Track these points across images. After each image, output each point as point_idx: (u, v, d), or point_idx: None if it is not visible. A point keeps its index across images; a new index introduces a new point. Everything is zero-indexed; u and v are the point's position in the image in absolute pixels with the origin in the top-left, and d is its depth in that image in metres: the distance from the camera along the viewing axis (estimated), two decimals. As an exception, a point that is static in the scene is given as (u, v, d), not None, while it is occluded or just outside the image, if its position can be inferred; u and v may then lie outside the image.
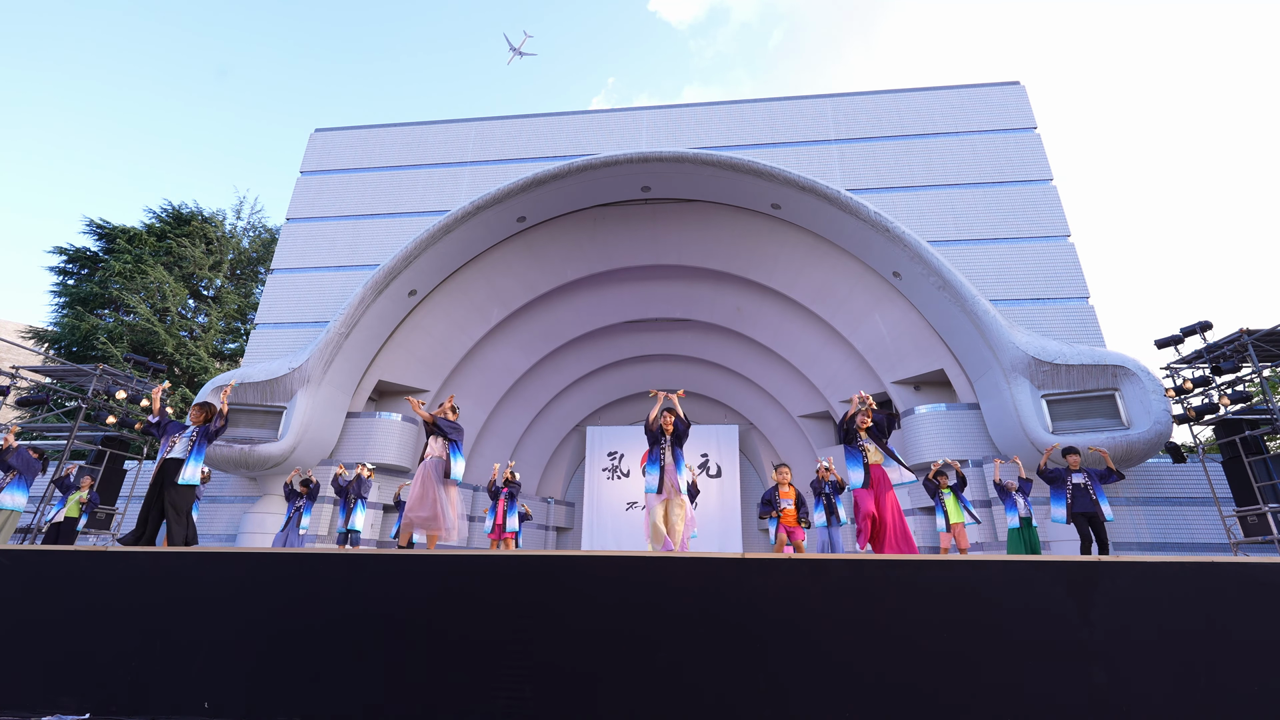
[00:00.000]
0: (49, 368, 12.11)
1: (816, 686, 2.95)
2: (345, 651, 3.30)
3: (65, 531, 9.38)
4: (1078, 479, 7.49)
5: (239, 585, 3.59)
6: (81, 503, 9.60)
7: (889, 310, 12.60)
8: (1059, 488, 7.62)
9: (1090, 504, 7.31)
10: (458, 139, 13.93)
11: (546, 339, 15.71)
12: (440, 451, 6.11)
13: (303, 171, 14.20)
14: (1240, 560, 3.04)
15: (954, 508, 8.66)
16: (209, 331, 21.56)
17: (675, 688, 3.02)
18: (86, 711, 3.29)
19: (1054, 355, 9.95)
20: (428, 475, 5.95)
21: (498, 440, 15.90)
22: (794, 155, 12.63)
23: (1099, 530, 7.28)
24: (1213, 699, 2.77)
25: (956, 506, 8.65)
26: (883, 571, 3.17)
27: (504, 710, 3.03)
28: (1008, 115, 12.80)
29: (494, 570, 3.43)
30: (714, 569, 3.24)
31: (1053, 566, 3.06)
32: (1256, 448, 9.66)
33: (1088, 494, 7.36)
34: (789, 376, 15.59)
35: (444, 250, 12.83)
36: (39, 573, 3.80)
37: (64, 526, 9.38)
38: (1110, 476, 7.51)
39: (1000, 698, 2.86)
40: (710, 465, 17.26)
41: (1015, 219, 11.77)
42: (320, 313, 12.45)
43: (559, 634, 3.20)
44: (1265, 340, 9.42)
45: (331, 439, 12.28)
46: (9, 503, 7.93)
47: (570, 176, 12.36)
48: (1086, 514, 7.31)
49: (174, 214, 22.88)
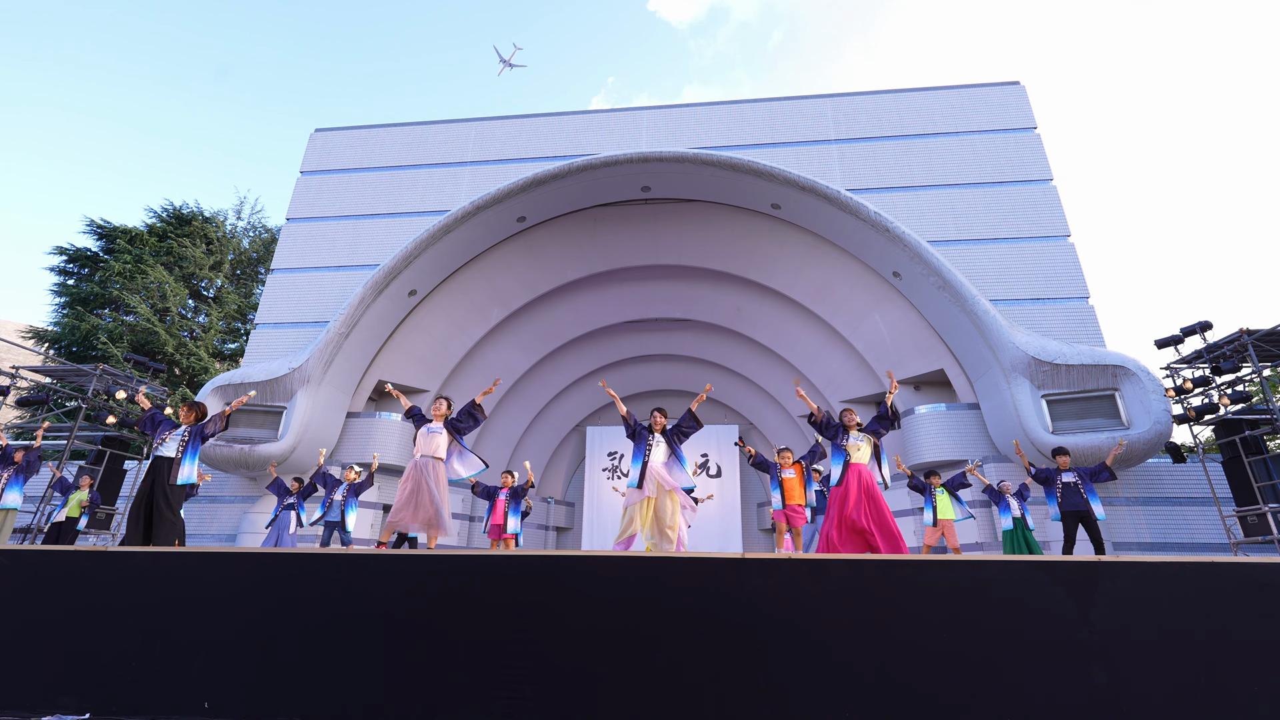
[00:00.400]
0: (49, 368, 12.11)
1: (816, 686, 2.95)
2: (345, 652, 3.30)
3: (65, 531, 9.38)
4: (1068, 478, 7.60)
5: (239, 585, 3.59)
6: (83, 505, 9.61)
7: (889, 310, 12.61)
8: (1051, 488, 7.73)
9: (1080, 501, 7.39)
10: (458, 139, 13.93)
11: (546, 339, 15.71)
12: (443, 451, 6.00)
13: (303, 171, 14.21)
14: (1240, 560, 3.04)
15: (945, 504, 8.66)
16: (209, 332, 21.56)
17: (675, 688, 3.02)
18: (86, 711, 3.29)
19: (1054, 355, 9.95)
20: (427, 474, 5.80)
21: (498, 440, 15.90)
22: (794, 155, 12.64)
23: (1091, 528, 7.34)
24: (1213, 699, 2.77)
25: (949, 503, 8.65)
26: (883, 571, 3.17)
27: (504, 710, 3.03)
28: (1008, 115, 12.81)
29: (494, 570, 3.43)
30: (714, 569, 3.24)
31: (1053, 566, 3.06)
32: (1256, 448, 9.66)
33: (1078, 492, 7.46)
34: (789, 376, 15.58)
35: (444, 250, 12.83)
36: (39, 573, 3.80)
37: (64, 526, 9.38)
38: (1101, 474, 7.55)
39: (1000, 698, 2.86)
40: (710, 465, 17.27)
41: (1015, 219, 11.78)
42: (320, 313, 12.46)
43: (559, 634, 3.20)
44: (1265, 340, 9.42)
45: (331, 439, 12.28)
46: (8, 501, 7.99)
47: (570, 176, 12.36)
48: (1076, 512, 7.40)
49: (175, 214, 22.87)
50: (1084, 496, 7.38)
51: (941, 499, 8.70)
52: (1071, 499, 7.43)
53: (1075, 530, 7.41)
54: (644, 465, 5.94)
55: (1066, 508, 7.45)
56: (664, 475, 5.90)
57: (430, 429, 6.07)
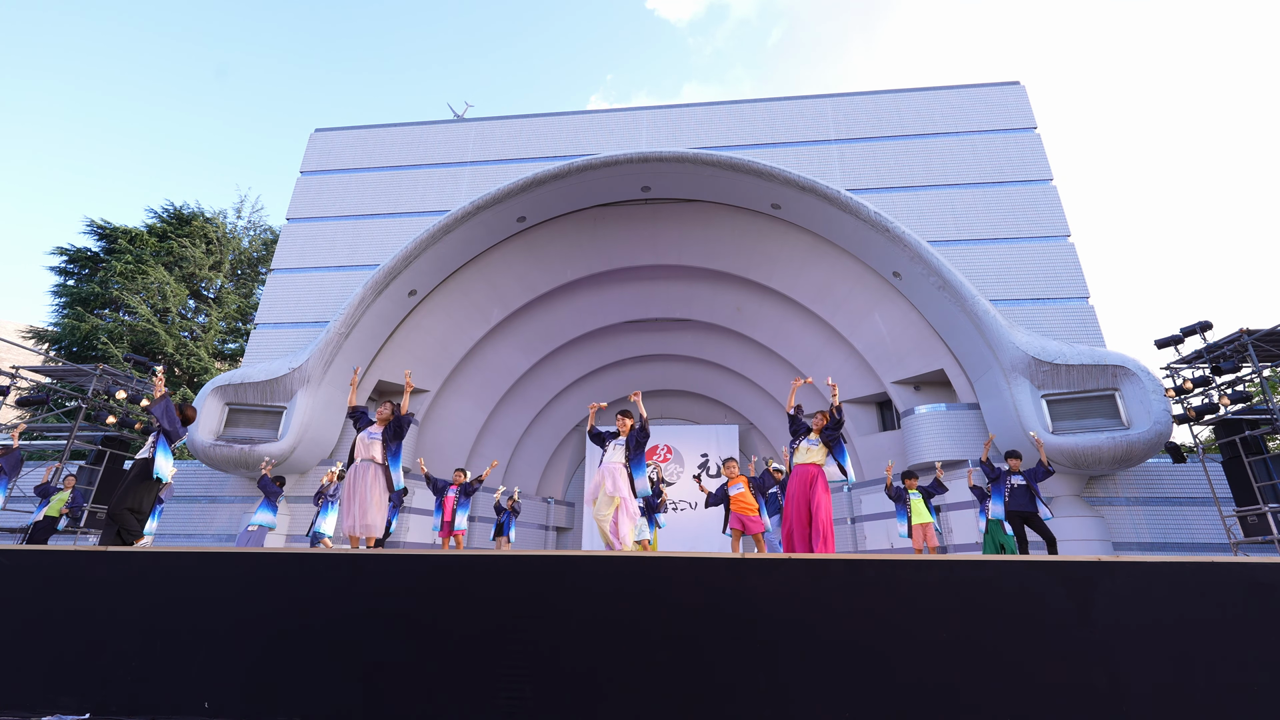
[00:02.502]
0: (49, 368, 12.12)
1: (816, 686, 2.95)
2: (345, 651, 3.30)
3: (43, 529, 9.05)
4: (1017, 480, 7.69)
5: (239, 585, 3.60)
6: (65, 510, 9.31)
7: (889, 310, 12.61)
8: (999, 485, 7.87)
9: (1027, 502, 7.49)
10: (458, 139, 13.94)
11: (546, 339, 15.71)
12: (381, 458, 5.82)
13: (303, 171, 14.21)
14: (1240, 560, 3.04)
15: (920, 509, 8.64)
16: (209, 332, 21.58)
17: (675, 688, 3.02)
18: (86, 711, 3.29)
19: (1054, 355, 9.95)
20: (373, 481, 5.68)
21: (498, 440, 15.90)
22: (794, 155, 12.64)
23: (1039, 528, 7.42)
24: (1212, 699, 2.78)
25: (923, 507, 8.65)
26: (882, 572, 3.17)
27: (504, 710, 3.04)
28: (1008, 115, 12.81)
29: (494, 570, 3.43)
30: (713, 569, 3.24)
31: (1053, 566, 3.06)
32: (1256, 448, 9.66)
33: (1027, 494, 7.54)
34: (789, 376, 15.56)
35: (444, 250, 12.83)
36: (39, 573, 3.80)
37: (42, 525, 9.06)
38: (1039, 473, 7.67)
39: (1000, 697, 2.86)
40: (710, 465, 17.27)
41: (1015, 219, 11.78)
42: (320, 313, 12.46)
43: (559, 634, 3.20)
44: (1265, 340, 9.42)
45: (331, 439, 12.29)
46: None
47: (570, 176, 12.36)
48: (1021, 513, 7.50)
49: (175, 214, 22.89)
50: (1032, 498, 7.50)
51: (916, 503, 8.69)
52: (1019, 500, 7.55)
53: (1024, 531, 7.59)
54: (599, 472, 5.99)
55: (1013, 508, 7.58)
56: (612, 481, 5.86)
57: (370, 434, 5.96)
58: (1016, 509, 7.54)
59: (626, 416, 6.19)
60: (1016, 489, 7.62)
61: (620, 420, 6.17)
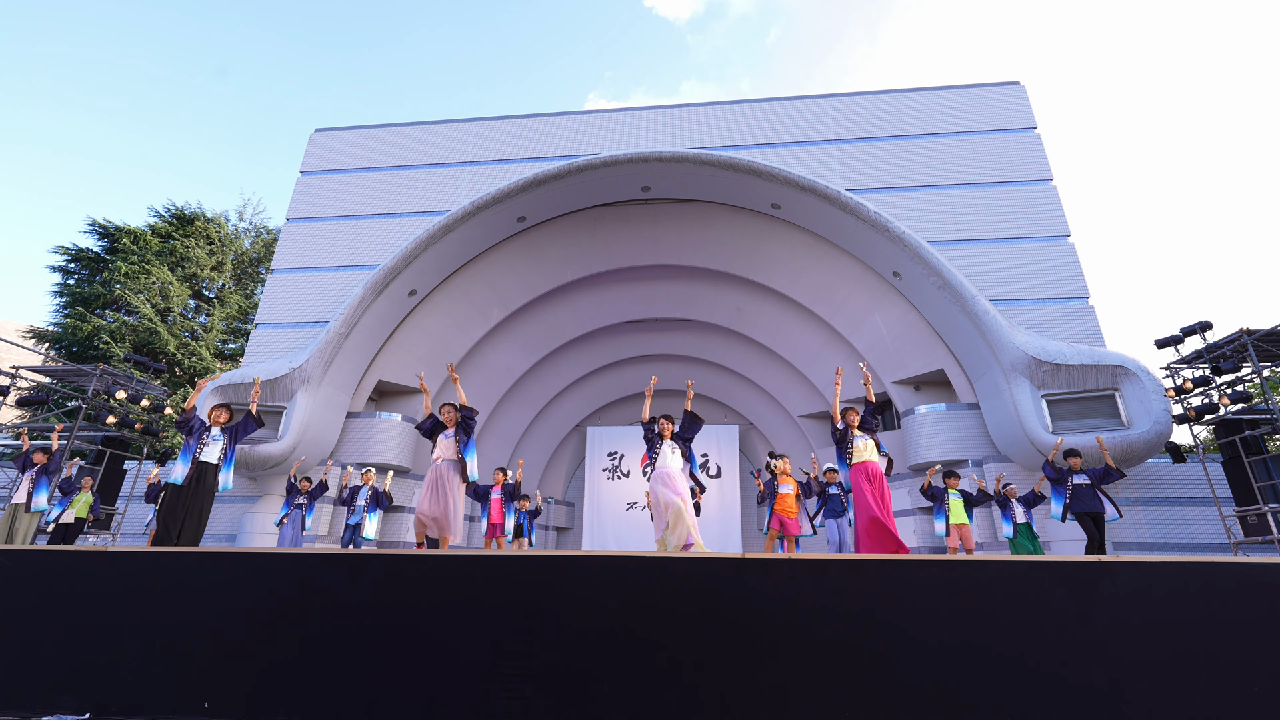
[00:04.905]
0: (49, 368, 12.11)
1: (816, 687, 2.95)
2: (345, 651, 3.30)
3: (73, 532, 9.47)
4: (1079, 479, 7.61)
5: (239, 585, 3.59)
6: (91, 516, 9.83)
7: (889, 310, 12.61)
8: (1060, 487, 7.73)
9: (1096, 503, 7.43)
10: (458, 139, 13.94)
11: (546, 339, 15.71)
12: (454, 453, 6.06)
13: (303, 171, 14.21)
14: (1240, 560, 3.03)
15: (958, 509, 8.62)
16: (211, 332, 21.58)
17: (675, 688, 3.02)
18: (86, 711, 3.29)
19: (1054, 355, 9.95)
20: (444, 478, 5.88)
21: (498, 440, 15.90)
22: (794, 155, 12.64)
23: (1101, 530, 7.38)
24: (1212, 699, 2.77)
25: (961, 509, 8.62)
26: (883, 571, 3.17)
27: (504, 710, 3.03)
28: (1008, 115, 12.81)
29: (494, 570, 3.43)
30: (714, 569, 3.24)
31: (1053, 566, 3.06)
32: (1256, 448, 9.67)
33: (1093, 493, 7.48)
34: (789, 376, 15.59)
35: (444, 250, 12.83)
36: (39, 573, 3.80)
37: (73, 527, 9.48)
38: (1110, 475, 7.55)
39: (1000, 697, 2.86)
40: (710, 465, 17.28)
41: (1015, 219, 11.78)
42: (320, 313, 12.46)
43: (559, 634, 3.20)
44: (1265, 340, 9.42)
45: (331, 439, 12.28)
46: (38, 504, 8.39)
47: (570, 176, 12.36)
48: (1091, 513, 7.42)
49: (177, 214, 22.90)
50: (1099, 498, 7.44)
51: (955, 503, 8.64)
52: (1087, 501, 7.47)
53: (1094, 529, 7.45)
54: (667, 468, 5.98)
55: (1081, 510, 7.48)
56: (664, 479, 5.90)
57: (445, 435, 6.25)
58: (1085, 510, 7.45)
59: (667, 420, 6.23)
60: (1080, 489, 7.55)
61: (662, 424, 6.20)
